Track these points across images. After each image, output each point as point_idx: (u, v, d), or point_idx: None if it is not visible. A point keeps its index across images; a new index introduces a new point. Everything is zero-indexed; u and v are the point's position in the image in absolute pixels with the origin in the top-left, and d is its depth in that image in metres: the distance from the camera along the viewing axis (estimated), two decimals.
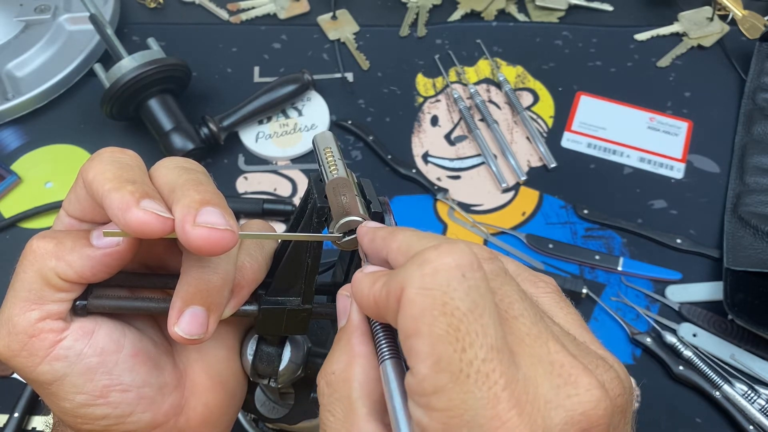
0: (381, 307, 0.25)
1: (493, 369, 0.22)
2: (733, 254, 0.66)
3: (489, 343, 0.22)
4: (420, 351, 0.22)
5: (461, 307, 0.22)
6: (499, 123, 0.78)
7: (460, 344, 0.22)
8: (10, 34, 0.81)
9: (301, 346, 0.39)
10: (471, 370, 0.22)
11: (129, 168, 0.30)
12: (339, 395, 0.27)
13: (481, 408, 0.21)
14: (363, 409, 0.26)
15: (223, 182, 0.74)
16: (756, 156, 0.73)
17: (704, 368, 0.61)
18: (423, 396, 0.22)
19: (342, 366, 0.27)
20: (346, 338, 0.28)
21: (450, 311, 0.22)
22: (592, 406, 0.23)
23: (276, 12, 0.88)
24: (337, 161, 0.34)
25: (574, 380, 0.23)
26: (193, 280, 0.31)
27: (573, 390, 0.23)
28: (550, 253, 0.69)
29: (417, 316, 0.22)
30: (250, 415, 0.51)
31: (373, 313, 0.26)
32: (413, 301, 0.23)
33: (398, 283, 0.23)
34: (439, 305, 0.22)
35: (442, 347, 0.22)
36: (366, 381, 0.26)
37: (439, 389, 0.22)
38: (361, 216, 0.31)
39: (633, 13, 0.88)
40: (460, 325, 0.22)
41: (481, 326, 0.22)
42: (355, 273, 0.28)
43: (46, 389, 0.32)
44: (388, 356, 0.26)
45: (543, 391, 0.23)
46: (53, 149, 0.77)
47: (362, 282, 0.27)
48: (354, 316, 0.28)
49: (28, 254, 0.31)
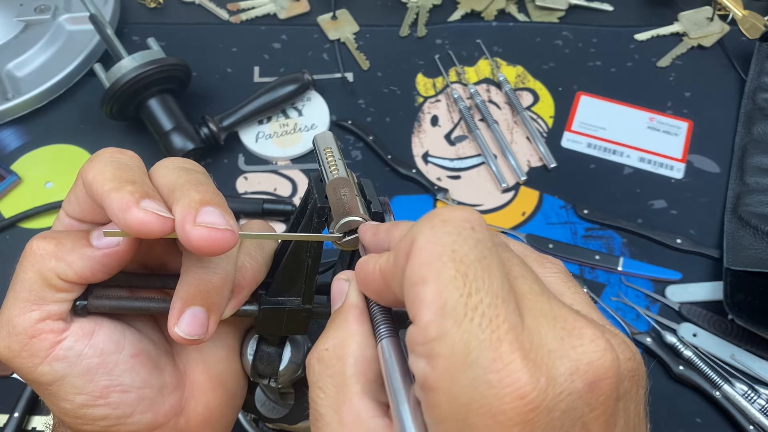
0: (388, 275, 0.25)
1: (497, 314, 0.22)
2: (733, 254, 0.66)
3: (494, 290, 0.22)
4: (425, 297, 0.22)
5: (470, 255, 0.22)
6: (499, 123, 0.78)
7: (467, 289, 0.22)
8: (10, 34, 0.81)
9: (301, 346, 0.39)
10: (476, 314, 0.22)
11: (129, 168, 0.30)
12: (331, 371, 0.26)
13: (483, 350, 0.21)
14: (356, 386, 0.26)
15: (223, 182, 0.74)
16: (756, 156, 0.73)
17: (704, 368, 0.61)
18: (426, 344, 0.22)
19: (337, 342, 0.27)
20: (342, 317, 0.28)
21: (459, 257, 0.22)
22: (597, 356, 0.22)
23: (276, 12, 0.88)
24: (337, 161, 0.34)
25: (579, 332, 0.23)
26: (193, 280, 0.31)
27: (578, 341, 0.23)
28: (550, 253, 0.69)
29: (425, 263, 0.23)
30: (250, 415, 0.51)
31: (377, 288, 0.26)
32: (423, 249, 0.23)
33: (408, 239, 0.24)
34: (449, 252, 0.22)
35: (448, 292, 0.22)
36: (361, 359, 0.26)
37: (443, 334, 0.22)
38: (361, 216, 0.31)
39: (633, 13, 0.88)
40: (468, 270, 0.22)
41: (488, 275, 0.22)
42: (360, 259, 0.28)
43: (46, 390, 0.32)
44: (386, 335, 0.26)
45: (547, 342, 0.22)
46: (53, 149, 0.77)
47: (366, 261, 0.27)
48: (351, 295, 0.28)
49: (28, 255, 0.31)
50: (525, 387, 0.21)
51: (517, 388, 0.21)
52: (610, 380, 0.23)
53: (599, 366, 0.22)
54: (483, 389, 0.21)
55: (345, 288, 0.29)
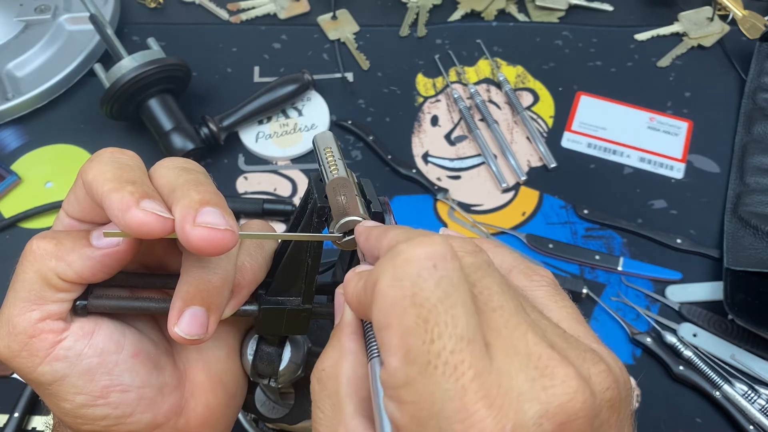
0: (362, 305, 0.25)
1: (461, 360, 0.21)
2: (733, 254, 0.66)
3: (459, 333, 0.22)
4: (390, 343, 0.22)
5: (431, 298, 0.22)
6: (499, 123, 0.78)
7: (429, 335, 0.22)
8: (10, 34, 0.81)
9: (301, 346, 0.39)
10: (439, 362, 0.21)
11: (129, 168, 0.30)
12: (328, 392, 0.27)
13: (447, 400, 0.21)
14: (350, 406, 0.26)
15: (223, 182, 0.74)
16: (756, 156, 0.73)
17: (704, 368, 0.61)
18: (394, 389, 0.22)
19: (332, 363, 0.27)
20: (337, 336, 0.28)
21: (419, 302, 0.22)
22: (568, 398, 0.22)
23: (276, 12, 0.88)
24: (337, 161, 0.34)
25: (551, 372, 0.22)
26: (193, 280, 0.31)
27: (549, 382, 0.22)
28: (550, 253, 0.69)
29: (388, 308, 0.22)
30: (250, 415, 0.51)
31: (358, 312, 0.26)
32: (384, 293, 0.23)
33: (372, 277, 0.23)
34: (409, 296, 0.22)
35: (411, 339, 0.22)
36: (354, 378, 0.26)
37: (408, 382, 0.22)
38: (361, 216, 0.31)
39: (633, 13, 0.88)
40: (429, 315, 0.22)
41: (451, 317, 0.22)
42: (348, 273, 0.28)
43: (46, 389, 0.32)
44: (376, 354, 0.26)
45: (517, 384, 0.22)
46: (53, 149, 0.77)
47: (350, 281, 0.27)
48: (346, 313, 0.28)
49: (28, 255, 0.31)
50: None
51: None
52: (582, 420, 0.22)
53: (570, 408, 0.22)
54: None
55: (342, 302, 0.29)
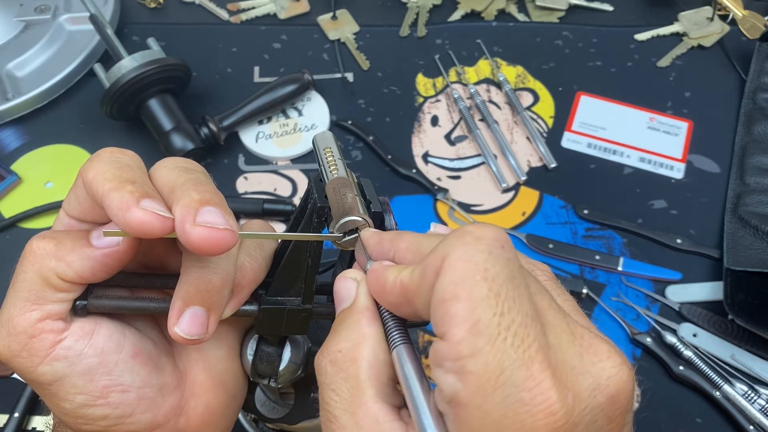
0: (410, 291, 0.25)
1: (527, 334, 0.22)
2: (733, 254, 0.66)
3: (525, 310, 0.23)
4: (457, 314, 0.23)
5: (501, 275, 0.23)
6: (499, 123, 0.78)
7: (500, 308, 0.22)
8: (10, 34, 0.81)
9: (301, 346, 0.39)
10: (509, 333, 0.22)
11: (129, 168, 0.30)
12: (345, 374, 0.27)
13: (516, 368, 0.22)
14: (371, 390, 0.26)
15: (223, 182, 0.74)
16: (756, 156, 0.73)
17: (704, 368, 0.61)
18: (458, 360, 0.22)
19: (350, 345, 0.27)
20: (353, 318, 0.28)
21: (491, 276, 0.23)
22: (615, 371, 0.24)
23: (276, 12, 0.88)
24: (337, 161, 0.34)
25: (595, 349, 0.24)
26: (193, 280, 0.31)
27: (596, 357, 0.24)
28: (550, 253, 0.69)
29: (457, 280, 0.23)
30: (250, 415, 0.51)
31: (396, 301, 0.27)
32: (454, 267, 0.23)
33: (439, 255, 0.24)
34: (482, 270, 0.23)
35: (481, 310, 0.22)
36: (375, 362, 0.26)
37: (475, 352, 0.22)
38: (360, 216, 0.31)
39: (633, 13, 0.88)
40: (501, 290, 0.23)
41: (518, 295, 0.23)
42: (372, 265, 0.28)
43: (46, 389, 0.32)
44: (400, 342, 0.26)
45: (569, 358, 0.23)
46: (53, 149, 0.77)
47: (385, 272, 0.27)
48: (362, 298, 0.28)
49: (28, 254, 0.31)
50: (555, 405, 0.22)
51: (549, 405, 0.22)
52: (627, 394, 0.24)
53: (618, 381, 0.24)
54: (516, 407, 0.22)
55: (353, 288, 0.29)
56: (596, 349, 0.24)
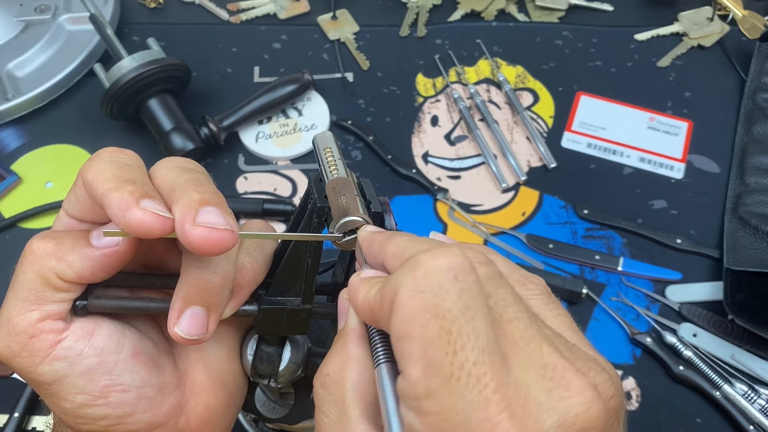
0: (375, 313, 0.25)
1: (484, 372, 0.22)
2: (733, 254, 0.66)
3: (480, 345, 0.22)
4: (411, 354, 0.22)
5: (453, 310, 0.22)
6: (499, 123, 0.78)
7: (452, 347, 0.22)
8: (10, 34, 0.81)
9: (301, 346, 0.39)
10: (462, 374, 0.21)
11: (129, 168, 0.30)
12: (333, 397, 0.27)
13: (472, 411, 0.21)
14: (355, 411, 0.26)
15: (223, 182, 0.74)
16: (756, 156, 0.73)
17: (704, 368, 0.61)
18: (414, 399, 0.22)
19: (336, 368, 0.27)
20: (342, 341, 0.28)
21: (442, 313, 0.22)
22: (584, 408, 0.23)
23: (276, 12, 0.88)
24: (337, 161, 0.34)
25: (567, 383, 0.23)
26: (193, 280, 0.31)
27: (565, 392, 0.23)
28: (550, 253, 0.69)
29: (408, 318, 0.22)
30: (250, 415, 0.51)
31: (368, 319, 0.26)
32: (405, 304, 0.23)
33: (391, 287, 0.23)
34: (431, 307, 0.22)
35: (433, 350, 0.22)
36: (360, 383, 0.26)
37: (430, 393, 0.22)
38: (361, 216, 0.31)
39: (633, 13, 0.88)
40: (452, 327, 0.22)
41: (473, 329, 0.22)
42: (351, 277, 0.28)
43: (46, 389, 0.32)
44: (383, 360, 0.26)
45: (535, 394, 0.22)
46: (53, 149, 0.77)
47: (358, 288, 0.27)
48: (351, 319, 0.28)
49: (28, 254, 0.31)
50: None
51: None
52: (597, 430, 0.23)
53: (586, 418, 0.23)
54: None
55: (346, 307, 0.29)
56: (567, 383, 0.23)
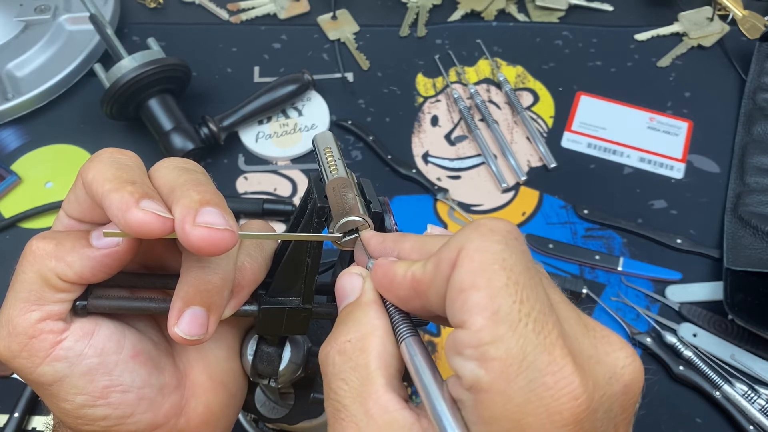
0: (423, 284, 0.26)
1: (546, 321, 0.23)
2: (733, 254, 0.66)
3: (542, 299, 0.23)
4: (477, 303, 0.23)
5: (518, 265, 0.23)
6: (499, 123, 0.78)
7: (519, 296, 0.23)
8: (10, 34, 0.81)
9: (301, 346, 0.39)
10: (530, 320, 0.22)
11: (128, 168, 0.30)
12: (354, 363, 0.27)
13: (539, 353, 0.22)
14: (381, 380, 0.26)
15: (223, 182, 0.74)
16: (756, 156, 0.73)
17: (704, 368, 0.61)
18: (479, 347, 0.23)
19: (359, 335, 0.27)
20: (362, 310, 0.28)
21: (509, 266, 0.23)
22: (629, 362, 0.24)
23: (276, 12, 0.88)
24: (337, 161, 0.34)
25: (608, 340, 0.25)
26: (193, 280, 0.31)
27: (609, 347, 0.25)
28: (550, 253, 0.69)
29: (476, 270, 0.23)
30: (250, 415, 0.51)
31: (405, 294, 0.27)
32: (472, 257, 0.24)
33: (454, 247, 0.24)
34: (500, 260, 0.23)
35: (501, 298, 0.23)
36: (384, 353, 0.27)
37: (497, 338, 0.22)
38: (361, 216, 0.31)
39: (633, 13, 0.88)
40: (519, 279, 0.23)
41: (535, 284, 0.23)
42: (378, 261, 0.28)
43: (47, 390, 0.32)
44: (408, 334, 0.26)
45: (585, 348, 0.24)
46: (53, 149, 0.77)
47: (394, 266, 0.27)
48: (369, 292, 0.29)
49: (28, 255, 0.31)
50: (578, 389, 0.22)
51: (572, 389, 0.22)
52: (640, 384, 0.25)
53: (632, 370, 0.24)
54: (540, 391, 0.22)
55: (358, 283, 0.29)
56: (609, 340, 0.25)
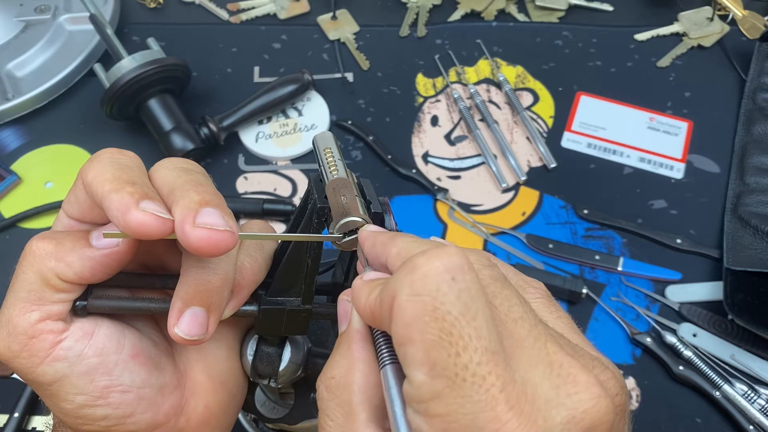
0: (377, 317, 0.25)
1: (489, 371, 0.22)
2: (733, 254, 0.66)
3: (483, 345, 0.22)
4: (414, 358, 0.22)
5: (452, 311, 0.22)
6: (499, 123, 0.78)
7: (454, 348, 0.22)
8: (10, 34, 0.81)
9: (301, 346, 0.39)
10: (467, 374, 0.21)
11: (128, 169, 0.30)
12: (339, 400, 0.27)
13: (479, 411, 0.21)
14: (363, 414, 0.26)
15: (223, 182, 0.74)
16: (756, 156, 0.73)
17: (704, 368, 0.61)
18: (421, 403, 0.22)
19: (342, 371, 0.27)
20: (346, 343, 0.28)
21: (441, 316, 0.22)
22: (593, 404, 0.23)
23: (276, 12, 0.88)
24: (337, 161, 0.34)
25: (573, 379, 0.23)
26: (193, 280, 0.31)
27: (573, 388, 0.23)
28: (550, 253, 0.69)
29: (408, 323, 0.22)
30: (250, 415, 0.51)
31: (371, 322, 0.26)
32: (404, 309, 0.22)
33: (390, 291, 0.23)
34: (430, 310, 0.22)
35: (436, 353, 0.22)
36: (366, 386, 0.26)
37: (436, 395, 0.22)
38: (361, 216, 0.31)
39: (633, 13, 0.88)
40: (453, 329, 0.22)
41: (474, 329, 0.22)
42: (354, 280, 0.28)
43: (47, 390, 0.32)
44: (389, 362, 0.26)
45: (542, 392, 0.23)
46: (53, 149, 0.77)
47: (360, 290, 0.27)
48: (354, 321, 0.28)
49: (28, 255, 0.31)
50: None
51: None
52: (605, 425, 0.23)
53: (594, 413, 0.23)
54: None
55: (349, 309, 0.29)
56: (574, 379, 0.23)
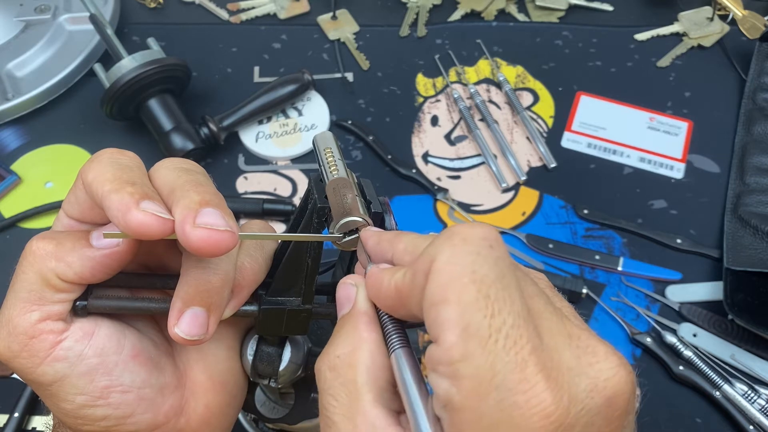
0: (404, 294, 0.25)
1: (520, 335, 0.22)
2: (733, 254, 0.66)
3: (516, 311, 0.22)
4: (447, 318, 0.22)
5: (490, 275, 0.23)
6: (499, 123, 0.78)
7: (489, 310, 0.22)
8: (10, 34, 0.81)
9: (301, 346, 0.39)
10: (500, 336, 0.22)
11: (128, 169, 0.30)
12: (343, 380, 0.26)
13: (509, 372, 0.22)
14: (369, 395, 0.26)
15: (223, 182, 0.74)
16: (756, 156, 0.73)
17: (704, 368, 0.61)
18: (450, 365, 0.22)
19: (348, 350, 0.27)
20: (352, 323, 0.28)
21: (479, 278, 0.22)
22: (613, 373, 0.23)
23: (276, 12, 0.88)
24: (337, 161, 0.34)
25: (593, 350, 0.24)
26: (193, 280, 0.31)
27: (593, 358, 0.24)
28: (550, 253, 0.69)
29: (446, 283, 0.23)
30: (250, 415, 0.51)
31: (392, 303, 0.27)
32: (442, 270, 0.23)
33: (427, 257, 0.24)
34: (469, 273, 0.23)
35: (471, 313, 0.22)
36: (373, 366, 0.26)
37: (467, 355, 0.22)
38: (361, 216, 0.31)
39: (633, 13, 0.88)
40: (490, 291, 0.22)
41: (509, 295, 0.23)
42: (370, 269, 0.28)
43: (47, 390, 0.32)
44: (399, 345, 0.26)
45: (566, 359, 0.23)
46: (53, 149, 0.77)
47: (381, 275, 0.27)
48: (361, 302, 0.28)
49: (28, 255, 0.31)
50: (550, 407, 0.22)
51: (543, 408, 0.22)
52: (626, 395, 0.24)
53: (616, 382, 0.23)
54: (510, 410, 0.22)
55: (352, 293, 0.29)
56: (594, 350, 0.24)
